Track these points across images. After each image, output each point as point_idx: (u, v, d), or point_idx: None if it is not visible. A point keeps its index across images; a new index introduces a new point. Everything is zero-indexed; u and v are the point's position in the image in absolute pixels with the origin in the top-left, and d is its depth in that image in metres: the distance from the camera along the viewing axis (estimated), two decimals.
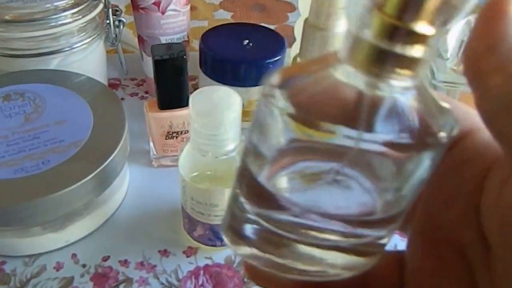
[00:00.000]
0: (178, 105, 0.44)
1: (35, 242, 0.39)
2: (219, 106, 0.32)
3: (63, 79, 0.45)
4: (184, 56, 0.41)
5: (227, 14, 0.80)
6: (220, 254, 0.41)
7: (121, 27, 0.54)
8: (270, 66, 0.49)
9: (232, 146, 0.34)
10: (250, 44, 0.51)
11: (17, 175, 0.36)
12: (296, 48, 0.50)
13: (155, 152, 0.47)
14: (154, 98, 0.44)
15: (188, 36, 0.56)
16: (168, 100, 0.43)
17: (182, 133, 0.46)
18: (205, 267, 0.40)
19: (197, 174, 0.36)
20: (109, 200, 0.42)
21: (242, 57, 0.49)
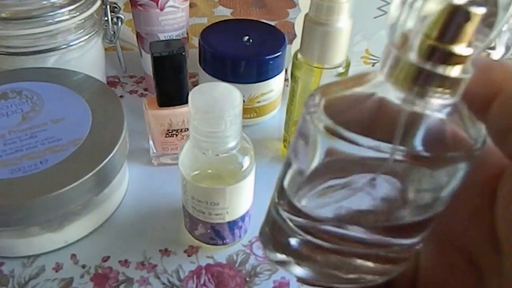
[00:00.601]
0: (178, 103, 0.43)
1: (34, 243, 0.38)
2: (219, 103, 0.32)
3: (61, 77, 0.44)
4: (183, 53, 0.40)
5: (227, 11, 0.79)
6: (222, 253, 0.40)
7: (120, 24, 0.53)
8: (271, 63, 0.49)
9: (233, 144, 0.34)
10: (250, 41, 0.50)
11: (14, 175, 0.35)
12: (297, 44, 0.49)
13: (155, 150, 0.47)
14: (154, 95, 0.43)
15: (188, 33, 0.55)
16: (168, 98, 0.43)
17: (182, 131, 0.45)
18: (207, 267, 0.39)
19: (198, 173, 0.36)
20: (109, 200, 0.42)
21: (242, 54, 0.49)
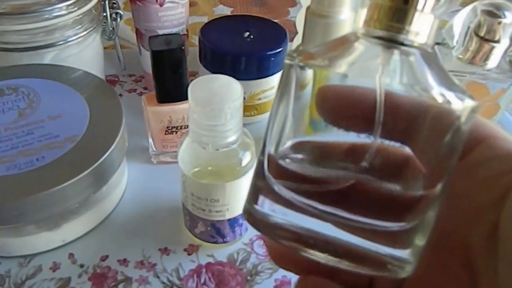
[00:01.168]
0: (178, 99, 0.42)
1: (30, 242, 0.37)
2: (219, 95, 0.31)
3: (58, 74, 0.43)
4: (183, 47, 0.39)
5: (227, 10, 0.79)
6: (222, 252, 0.40)
7: (118, 20, 0.52)
8: (272, 59, 0.48)
9: (234, 138, 0.33)
10: (251, 37, 0.49)
11: (10, 172, 0.34)
12: (298, 42, 0.48)
13: (155, 149, 0.46)
14: (153, 92, 0.43)
15: (187, 30, 0.54)
16: (167, 94, 0.42)
17: (182, 128, 0.44)
18: (207, 265, 0.38)
19: (198, 170, 0.35)
20: (107, 198, 0.41)
21: (243, 50, 0.48)
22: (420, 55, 0.17)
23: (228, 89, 0.31)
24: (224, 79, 0.32)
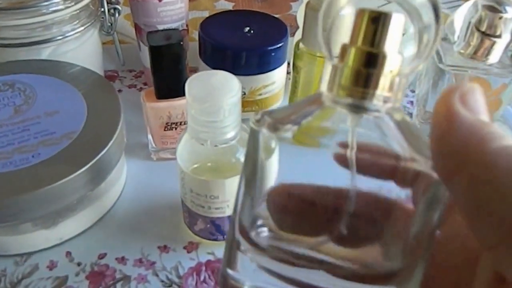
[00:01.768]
0: (177, 95, 0.41)
1: (26, 240, 0.37)
2: (218, 91, 0.30)
3: (55, 70, 0.43)
4: (182, 42, 0.39)
5: (229, 5, 0.78)
6: (222, 249, 0.39)
7: (117, 15, 0.52)
8: (272, 54, 0.47)
9: (232, 134, 0.32)
10: (251, 32, 0.49)
11: (6, 169, 0.34)
12: (299, 35, 0.48)
13: (154, 145, 0.45)
14: (152, 88, 0.42)
15: (187, 25, 0.54)
16: (166, 89, 0.41)
17: (182, 124, 0.44)
18: (207, 263, 0.38)
19: (197, 166, 0.34)
20: (106, 195, 0.40)
21: (243, 45, 0.47)
22: (390, 118, 0.17)
23: (226, 85, 0.31)
24: (222, 75, 0.31)
